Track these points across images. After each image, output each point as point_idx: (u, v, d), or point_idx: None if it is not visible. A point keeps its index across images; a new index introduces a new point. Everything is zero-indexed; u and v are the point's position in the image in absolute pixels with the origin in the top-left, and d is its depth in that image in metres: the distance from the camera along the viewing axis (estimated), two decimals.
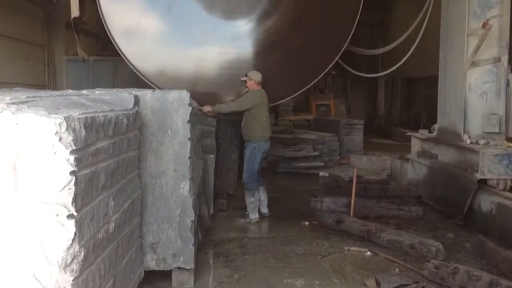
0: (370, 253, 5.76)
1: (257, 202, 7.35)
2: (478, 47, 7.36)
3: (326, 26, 8.63)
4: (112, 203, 3.29)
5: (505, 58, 7.44)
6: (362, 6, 8.64)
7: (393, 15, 18.43)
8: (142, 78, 8.52)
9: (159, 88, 7.10)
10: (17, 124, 2.48)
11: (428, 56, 11.87)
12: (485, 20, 7.17)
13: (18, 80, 10.29)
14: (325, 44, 8.72)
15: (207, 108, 7.30)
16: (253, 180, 7.29)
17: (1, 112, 2.48)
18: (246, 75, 7.43)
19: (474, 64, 7.55)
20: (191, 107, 4.74)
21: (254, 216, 7.26)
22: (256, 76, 7.37)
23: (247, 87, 7.42)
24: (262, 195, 7.47)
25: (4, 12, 10.32)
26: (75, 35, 10.63)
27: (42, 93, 3.61)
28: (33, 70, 11.85)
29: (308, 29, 8.63)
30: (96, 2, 8.35)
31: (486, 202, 6.60)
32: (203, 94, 7.83)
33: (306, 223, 7.11)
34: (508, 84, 7.50)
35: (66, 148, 2.52)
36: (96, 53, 13.39)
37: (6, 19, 10.46)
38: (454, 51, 8.03)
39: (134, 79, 9.67)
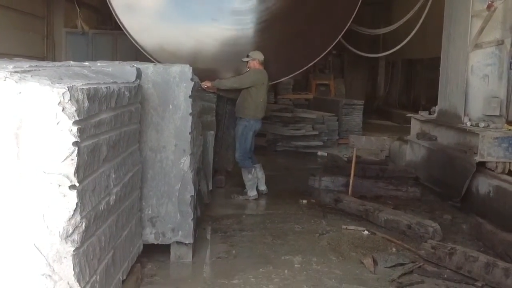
0: (367, 232, 5.79)
1: (255, 179, 7.35)
2: (482, 29, 7.31)
3: (330, 4, 8.54)
4: (113, 176, 3.28)
5: (508, 41, 7.38)
6: None
7: None
8: (143, 52, 8.44)
9: (160, 63, 7.05)
10: (20, 93, 2.45)
11: (429, 38, 11.80)
12: (490, 2, 7.10)
13: (17, 51, 10.18)
14: (328, 22, 8.62)
15: (206, 84, 7.23)
16: (246, 158, 7.28)
17: (4, 80, 2.45)
18: (247, 56, 7.36)
19: (477, 46, 7.49)
20: (193, 82, 4.70)
21: (252, 193, 7.27)
22: (259, 55, 7.31)
23: (249, 67, 7.35)
24: (259, 173, 7.47)
25: None
26: (76, 6, 10.51)
27: (44, 63, 3.57)
28: (32, 42, 11.73)
29: (311, 7, 8.53)
30: None
31: (484, 185, 6.62)
32: (202, 70, 7.75)
33: (304, 201, 7.13)
34: (510, 67, 7.46)
35: (69, 119, 2.50)
36: (95, 26, 13.24)
37: None
38: (458, 33, 7.97)
39: (134, 53, 9.61)
